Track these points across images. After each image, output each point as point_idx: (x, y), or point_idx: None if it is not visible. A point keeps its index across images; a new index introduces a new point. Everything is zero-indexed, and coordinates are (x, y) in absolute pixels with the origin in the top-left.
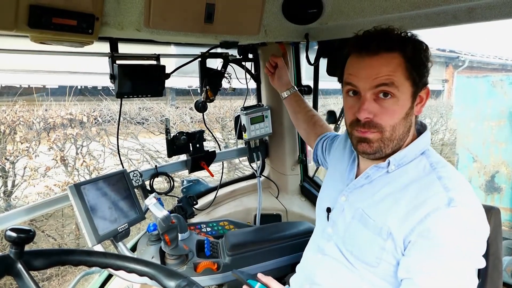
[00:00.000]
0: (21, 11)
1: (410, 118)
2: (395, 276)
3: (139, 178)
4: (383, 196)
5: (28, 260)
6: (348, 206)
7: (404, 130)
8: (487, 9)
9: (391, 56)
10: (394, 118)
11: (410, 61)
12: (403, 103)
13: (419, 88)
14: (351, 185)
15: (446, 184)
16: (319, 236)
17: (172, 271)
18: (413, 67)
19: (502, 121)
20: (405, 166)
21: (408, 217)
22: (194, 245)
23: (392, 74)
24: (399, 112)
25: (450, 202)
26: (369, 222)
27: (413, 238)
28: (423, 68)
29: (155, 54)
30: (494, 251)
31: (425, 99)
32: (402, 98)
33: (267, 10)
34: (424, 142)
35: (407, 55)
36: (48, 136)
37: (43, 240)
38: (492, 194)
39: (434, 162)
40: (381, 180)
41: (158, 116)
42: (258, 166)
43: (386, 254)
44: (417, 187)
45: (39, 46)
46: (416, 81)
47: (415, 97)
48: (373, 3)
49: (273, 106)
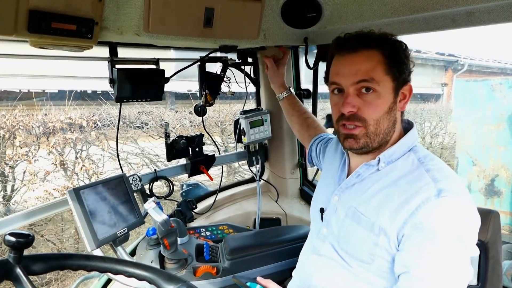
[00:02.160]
0: (21, 15)
1: (394, 113)
2: (391, 272)
3: (138, 182)
4: (374, 193)
5: (27, 265)
6: (341, 205)
7: (388, 125)
8: (486, 13)
9: (371, 53)
10: (377, 111)
11: (389, 58)
12: (385, 97)
13: (400, 84)
14: (343, 185)
15: (434, 176)
16: (314, 238)
17: (172, 275)
18: (392, 63)
19: (502, 124)
20: (394, 162)
21: (399, 211)
22: (194, 249)
23: (372, 70)
24: (382, 106)
25: (439, 193)
26: (362, 219)
27: (406, 231)
28: (402, 65)
29: (154, 58)
30: (493, 255)
31: (408, 96)
32: (383, 92)
33: (266, 14)
34: (411, 139)
35: (386, 52)
36: (47, 141)
37: (42, 245)
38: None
39: (422, 156)
40: (371, 177)
41: (158, 120)
42: (257, 170)
43: (379, 250)
44: (406, 181)
45: (38, 50)
46: (396, 76)
47: (396, 92)
48: (372, 7)
49: (273, 110)
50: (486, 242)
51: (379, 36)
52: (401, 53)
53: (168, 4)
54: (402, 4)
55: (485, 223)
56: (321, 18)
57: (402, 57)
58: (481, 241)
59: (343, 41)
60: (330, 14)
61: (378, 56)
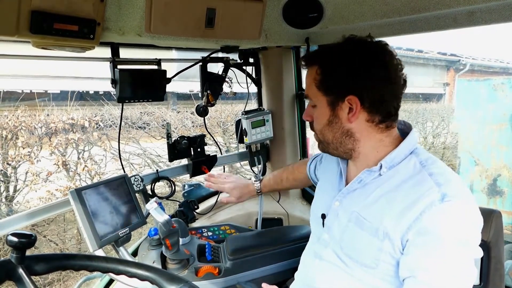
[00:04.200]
0: (23, 16)
1: (339, 125)
2: (396, 276)
3: (140, 182)
4: (377, 198)
5: (30, 265)
6: (343, 210)
7: (335, 135)
8: (487, 12)
9: (311, 70)
10: (318, 123)
11: (323, 74)
12: (322, 111)
13: (338, 97)
14: (344, 190)
15: (437, 180)
16: (315, 243)
17: (174, 275)
18: (325, 79)
19: (504, 124)
20: (396, 166)
21: (403, 216)
22: (195, 250)
23: (308, 86)
24: (321, 118)
25: (443, 197)
26: (365, 224)
27: (411, 236)
28: (337, 80)
29: (156, 58)
30: (495, 255)
31: (355, 109)
32: (319, 106)
33: (268, 14)
34: (412, 141)
35: (323, 68)
36: (49, 141)
37: (44, 245)
38: (494, 198)
39: (423, 159)
40: (374, 182)
41: (160, 121)
42: (259, 170)
43: (384, 255)
44: (409, 185)
45: (40, 51)
46: (328, 92)
47: (333, 106)
48: (373, 7)
49: (274, 110)
50: (488, 242)
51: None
52: (338, 68)
53: (170, 5)
54: (403, 4)
55: (487, 223)
56: (322, 18)
57: (339, 71)
58: (483, 241)
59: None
60: (331, 14)
61: (314, 73)
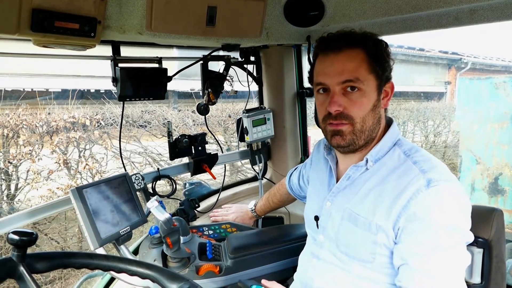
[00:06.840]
0: (24, 15)
1: (378, 111)
2: (392, 267)
3: (141, 181)
4: (367, 192)
5: (31, 263)
6: (335, 209)
7: (373, 122)
8: (489, 10)
9: (354, 52)
10: (363, 109)
11: (372, 56)
12: (370, 96)
13: (383, 82)
14: (334, 189)
15: (422, 167)
16: (312, 244)
17: (175, 274)
18: (376, 62)
19: (505, 123)
20: (381, 159)
21: (393, 206)
22: (196, 248)
23: (356, 69)
24: (367, 104)
25: (429, 183)
26: (358, 220)
27: (401, 224)
28: (384, 63)
29: (157, 57)
30: (497, 253)
31: (390, 93)
32: (368, 91)
33: (269, 12)
34: (394, 133)
35: (369, 50)
36: (51, 140)
37: (46, 243)
38: (495, 197)
39: (407, 149)
40: (362, 177)
41: (161, 119)
42: (260, 169)
43: (379, 248)
44: (396, 176)
45: (41, 49)
46: (379, 74)
47: (380, 90)
48: (374, 5)
49: (275, 108)
50: (489, 241)
51: (362, 35)
52: (383, 52)
53: (171, 3)
54: (405, 2)
55: (488, 222)
56: (323, 16)
57: (384, 55)
58: (484, 239)
59: (327, 40)
60: (332, 12)
61: (361, 55)
